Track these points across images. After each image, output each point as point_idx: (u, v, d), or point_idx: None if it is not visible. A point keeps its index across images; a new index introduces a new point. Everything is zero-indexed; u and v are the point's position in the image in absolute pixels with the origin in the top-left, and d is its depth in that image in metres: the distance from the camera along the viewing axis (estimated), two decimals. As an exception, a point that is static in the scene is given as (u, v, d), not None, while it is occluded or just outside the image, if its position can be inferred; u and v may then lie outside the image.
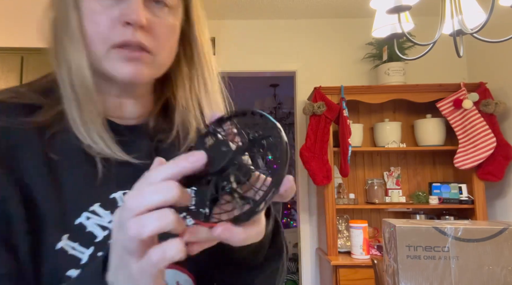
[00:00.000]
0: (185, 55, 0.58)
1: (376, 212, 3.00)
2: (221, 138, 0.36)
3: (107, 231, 0.47)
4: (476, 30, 1.44)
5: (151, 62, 0.50)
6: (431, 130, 2.82)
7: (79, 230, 0.45)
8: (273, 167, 0.34)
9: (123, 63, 0.48)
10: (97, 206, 0.47)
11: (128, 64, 0.48)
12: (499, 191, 2.70)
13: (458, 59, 2.22)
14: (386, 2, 1.47)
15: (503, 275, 0.86)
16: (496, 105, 2.54)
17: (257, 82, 4.63)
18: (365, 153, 3.06)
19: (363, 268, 2.44)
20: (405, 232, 0.89)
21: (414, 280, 0.88)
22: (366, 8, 2.15)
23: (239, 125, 0.37)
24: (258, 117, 0.36)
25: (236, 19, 3.21)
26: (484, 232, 0.88)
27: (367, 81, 3.13)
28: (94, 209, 0.47)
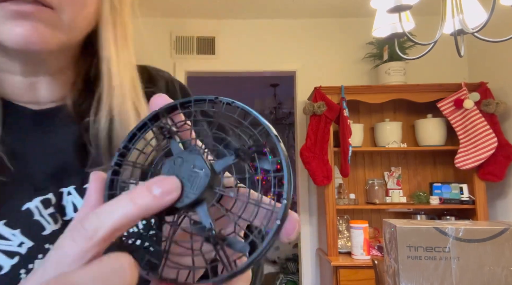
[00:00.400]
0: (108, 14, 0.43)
1: (377, 212, 2.99)
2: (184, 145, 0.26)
3: (16, 258, 0.35)
4: (477, 29, 1.43)
5: (54, 20, 0.36)
6: (431, 130, 2.81)
7: None
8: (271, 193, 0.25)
9: (11, 21, 0.34)
10: (1, 225, 0.35)
11: (19, 22, 0.34)
12: (500, 191, 2.69)
13: (459, 59, 2.21)
14: (386, 1, 1.47)
15: (504, 276, 0.86)
16: (497, 105, 2.54)
17: (257, 82, 4.63)
18: (365, 153, 3.05)
19: (363, 269, 2.44)
20: (406, 232, 0.89)
21: (414, 280, 0.87)
22: (366, 7, 2.15)
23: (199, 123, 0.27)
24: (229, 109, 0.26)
25: (236, 18, 3.21)
26: (485, 233, 0.87)
27: (368, 81, 3.13)
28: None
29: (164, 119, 0.27)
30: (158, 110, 0.27)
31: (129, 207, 0.21)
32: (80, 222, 0.21)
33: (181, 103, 0.27)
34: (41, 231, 0.37)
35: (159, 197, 0.22)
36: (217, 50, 3.18)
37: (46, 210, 0.38)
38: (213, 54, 3.18)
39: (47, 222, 0.38)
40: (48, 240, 0.37)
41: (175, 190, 0.22)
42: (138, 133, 0.27)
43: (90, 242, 0.21)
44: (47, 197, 0.39)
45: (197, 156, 0.24)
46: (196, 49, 3.18)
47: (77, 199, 0.41)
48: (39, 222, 0.37)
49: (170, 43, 3.18)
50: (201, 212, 0.23)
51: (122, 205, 0.21)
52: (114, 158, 0.27)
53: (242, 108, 0.25)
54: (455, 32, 1.50)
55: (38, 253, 0.37)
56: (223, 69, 3.22)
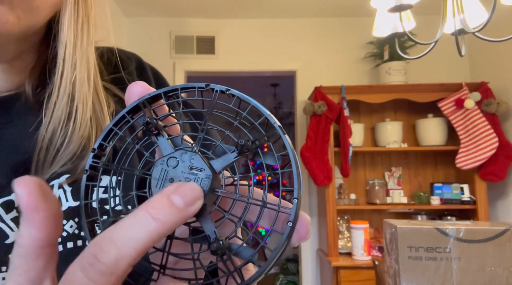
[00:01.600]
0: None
1: (377, 212, 2.99)
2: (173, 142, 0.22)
3: None
4: (478, 29, 1.42)
5: (20, 4, 0.33)
6: (432, 130, 2.80)
7: None
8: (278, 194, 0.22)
9: None
10: None
11: None
12: (501, 191, 2.69)
13: (460, 59, 2.21)
14: (387, 1, 1.46)
15: (505, 276, 0.85)
16: (498, 104, 2.53)
17: (257, 81, 4.63)
18: (366, 153, 3.05)
19: (364, 269, 2.43)
20: (407, 233, 0.88)
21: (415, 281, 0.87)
22: (367, 7, 2.14)
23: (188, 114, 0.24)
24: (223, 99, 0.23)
25: (236, 18, 3.21)
26: (486, 233, 0.87)
27: (368, 80, 3.12)
28: None
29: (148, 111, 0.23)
30: (138, 100, 0.23)
31: (152, 226, 0.17)
32: (92, 254, 0.17)
33: (165, 92, 0.23)
34: (3, 239, 0.33)
35: (183, 209, 0.18)
36: (217, 49, 3.18)
37: (7, 214, 0.33)
38: (213, 54, 3.17)
39: (9, 228, 0.33)
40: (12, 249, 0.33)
41: (199, 199, 0.19)
42: (116, 129, 0.23)
43: (111, 278, 0.17)
44: (9, 198, 0.34)
45: (195, 156, 0.21)
46: (196, 48, 3.17)
47: None
48: (1, 229, 0.33)
49: (170, 43, 3.18)
50: (202, 219, 0.21)
51: (143, 225, 0.17)
52: (88, 160, 0.23)
53: (238, 96, 0.22)
54: (456, 31, 1.50)
55: (1, 265, 0.32)
56: (223, 69, 3.21)
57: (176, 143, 0.22)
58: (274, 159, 0.22)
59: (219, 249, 0.20)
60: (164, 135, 0.22)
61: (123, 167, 0.22)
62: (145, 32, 3.15)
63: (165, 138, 0.22)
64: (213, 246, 0.20)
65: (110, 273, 0.17)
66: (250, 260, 0.21)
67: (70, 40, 0.38)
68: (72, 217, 0.36)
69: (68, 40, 0.38)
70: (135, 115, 0.23)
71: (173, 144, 0.22)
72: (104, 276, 0.17)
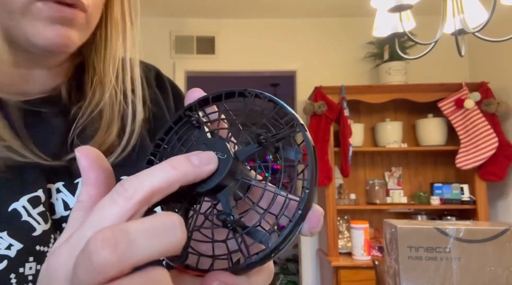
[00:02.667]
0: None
1: (377, 212, 2.99)
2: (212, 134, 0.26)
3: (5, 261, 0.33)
4: (478, 29, 1.42)
5: (83, 24, 0.37)
6: (432, 130, 2.80)
7: None
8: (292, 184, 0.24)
9: (47, 24, 0.34)
10: None
11: (55, 26, 0.35)
12: (501, 191, 2.69)
13: (460, 59, 2.21)
14: (387, 1, 1.46)
15: (505, 276, 0.85)
16: (498, 104, 2.53)
17: (257, 81, 4.62)
18: (366, 153, 3.05)
19: (364, 269, 2.43)
20: (407, 233, 0.88)
21: (415, 281, 0.87)
22: (367, 7, 2.14)
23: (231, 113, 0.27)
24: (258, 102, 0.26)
25: (236, 18, 3.21)
26: (486, 233, 0.87)
27: (368, 80, 3.12)
28: None
29: (196, 111, 0.27)
30: (191, 103, 0.27)
31: (169, 172, 0.21)
32: (121, 184, 0.21)
33: (212, 97, 0.27)
34: (31, 232, 0.35)
35: (198, 166, 0.22)
36: (217, 49, 3.18)
37: (34, 209, 0.36)
38: (213, 54, 3.17)
39: (36, 222, 0.36)
40: (39, 241, 0.35)
41: (213, 162, 0.23)
42: (175, 127, 0.28)
43: (130, 202, 0.20)
44: (36, 194, 0.36)
45: (220, 143, 0.24)
46: (196, 48, 3.17)
47: (67, 196, 0.39)
48: (28, 222, 0.35)
49: (170, 43, 3.18)
50: (222, 198, 0.23)
51: (162, 170, 0.21)
52: (150, 149, 0.28)
53: (270, 98, 0.26)
54: (455, 31, 1.50)
55: (29, 256, 0.35)
56: (223, 69, 3.21)
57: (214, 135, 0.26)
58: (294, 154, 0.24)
59: (229, 222, 0.22)
60: (203, 129, 0.26)
61: (172, 152, 0.27)
62: (145, 32, 3.14)
63: (204, 130, 0.26)
64: (222, 217, 0.22)
65: (129, 197, 0.20)
66: (261, 240, 0.22)
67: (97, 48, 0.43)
68: None
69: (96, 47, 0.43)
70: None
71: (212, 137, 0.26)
72: (124, 199, 0.20)
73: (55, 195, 0.38)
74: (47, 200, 0.37)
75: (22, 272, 0.34)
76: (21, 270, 0.34)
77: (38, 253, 0.35)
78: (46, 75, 0.41)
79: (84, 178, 0.23)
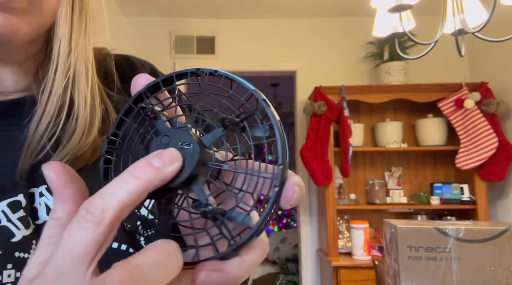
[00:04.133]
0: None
1: (377, 212, 2.99)
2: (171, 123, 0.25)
3: None
4: (478, 29, 1.42)
5: (25, 7, 0.34)
6: (432, 130, 2.80)
7: None
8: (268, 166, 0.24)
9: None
10: None
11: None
12: (501, 191, 2.69)
13: (460, 59, 2.21)
14: (387, 1, 1.46)
15: (505, 276, 0.85)
16: (498, 104, 2.53)
17: (257, 81, 4.61)
18: (366, 153, 3.05)
19: (364, 269, 2.43)
20: (406, 232, 0.88)
21: (415, 281, 0.87)
22: (367, 7, 2.15)
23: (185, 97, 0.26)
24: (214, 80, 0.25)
25: (236, 18, 3.21)
26: (486, 233, 0.87)
27: (368, 80, 3.12)
28: None
29: (148, 99, 0.25)
30: (140, 90, 0.26)
31: (132, 183, 0.20)
32: (84, 208, 0.20)
33: (163, 80, 0.25)
34: (10, 237, 0.34)
35: (161, 168, 0.21)
36: (217, 50, 3.18)
37: (14, 214, 0.35)
38: (213, 54, 3.17)
39: (16, 227, 0.34)
40: (18, 247, 0.34)
41: (177, 160, 0.22)
42: (126, 119, 0.26)
43: (100, 226, 0.19)
44: (16, 199, 0.35)
45: (183, 132, 0.23)
46: (196, 49, 3.17)
47: (49, 200, 0.37)
48: (7, 227, 0.34)
49: (170, 43, 3.18)
50: (196, 189, 0.23)
51: (124, 182, 0.20)
52: (104, 146, 0.26)
53: (226, 76, 0.24)
54: (455, 31, 1.50)
55: (7, 263, 0.33)
56: (223, 69, 3.21)
57: (173, 125, 0.25)
58: (261, 131, 0.23)
59: (209, 212, 0.22)
60: (161, 118, 0.24)
61: (130, 150, 0.26)
62: (145, 32, 3.15)
63: (162, 121, 0.24)
64: (201, 209, 0.22)
65: (98, 222, 0.19)
66: (242, 222, 0.22)
67: (64, 34, 0.38)
68: None
69: (62, 33, 0.38)
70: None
71: (172, 126, 0.24)
72: (93, 225, 0.19)
73: (38, 199, 0.37)
74: (29, 205, 0.36)
75: (0, 280, 0.32)
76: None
77: (17, 259, 0.33)
78: (17, 72, 0.39)
79: (59, 195, 0.22)
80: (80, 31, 0.39)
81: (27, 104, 0.39)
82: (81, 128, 0.38)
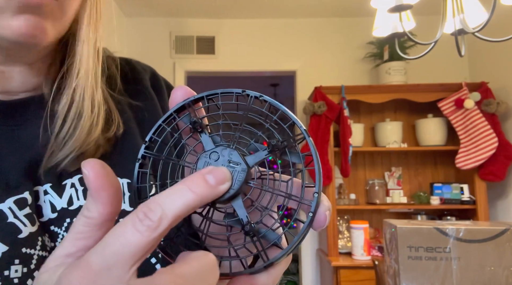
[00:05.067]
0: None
1: (377, 212, 2.99)
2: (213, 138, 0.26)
3: None
4: (478, 29, 1.42)
5: (56, 12, 0.34)
6: (432, 130, 2.80)
7: None
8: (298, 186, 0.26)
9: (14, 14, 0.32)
10: None
11: (23, 16, 0.32)
12: (501, 191, 2.69)
13: (460, 59, 2.21)
14: (387, 1, 1.46)
15: (504, 276, 0.85)
16: (498, 104, 2.53)
17: (257, 81, 4.63)
18: (366, 153, 3.05)
19: (364, 269, 2.43)
20: (406, 232, 0.88)
21: (415, 281, 0.87)
22: (366, 7, 2.15)
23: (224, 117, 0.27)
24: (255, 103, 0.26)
25: (236, 18, 3.21)
26: (485, 233, 0.87)
27: (368, 80, 3.12)
28: None
29: (192, 111, 0.27)
30: (184, 102, 0.27)
31: (189, 196, 0.21)
32: (142, 212, 0.21)
33: (207, 95, 0.27)
34: (17, 234, 0.35)
35: (214, 186, 0.22)
36: (217, 49, 3.18)
37: (21, 211, 0.35)
38: (213, 54, 3.17)
39: (23, 224, 0.35)
40: (25, 244, 0.35)
41: (228, 180, 0.23)
42: (164, 125, 0.27)
43: (155, 232, 0.20)
44: (22, 196, 0.36)
45: (233, 151, 0.25)
46: (196, 48, 3.17)
47: (54, 198, 0.38)
48: (14, 224, 0.35)
49: (170, 43, 3.18)
50: (236, 205, 0.24)
51: (181, 194, 0.21)
52: (140, 151, 0.27)
53: (270, 102, 0.26)
54: (455, 31, 1.50)
55: (14, 258, 0.34)
56: (223, 69, 3.21)
57: (215, 140, 0.26)
58: (299, 158, 0.25)
59: (251, 230, 0.24)
60: (206, 133, 0.26)
61: (170, 158, 0.26)
62: (145, 32, 3.15)
63: (207, 135, 0.26)
64: (247, 227, 0.24)
65: (154, 228, 0.21)
66: (276, 243, 0.24)
67: (88, 37, 0.39)
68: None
69: (86, 37, 0.39)
70: (179, 114, 0.27)
71: (213, 141, 0.26)
72: (149, 230, 0.21)
73: (42, 197, 0.38)
74: (34, 203, 0.36)
75: (8, 275, 0.33)
76: (6, 273, 0.33)
77: (24, 255, 0.34)
78: (27, 72, 0.39)
79: (95, 196, 0.23)
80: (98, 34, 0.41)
81: (35, 104, 0.40)
82: (87, 126, 0.39)
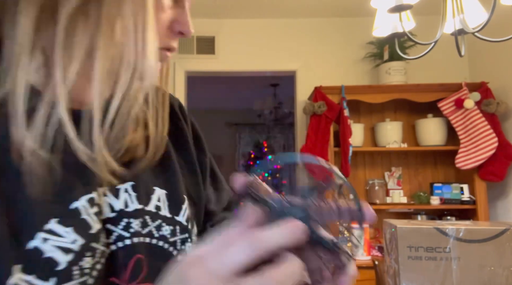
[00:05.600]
0: None
1: (377, 212, 2.91)
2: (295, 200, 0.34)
3: (70, 254, 0.37)
4: (478, 29, 1.43)
5: None
6: (432, 130, 2.80)
7: (34, 257, 0.35)
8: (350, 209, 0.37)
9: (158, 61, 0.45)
10: (54, 223, 0.36)
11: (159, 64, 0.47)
12: (500, 191, 2.69)
13: (460, 59, 2.21)
14: (387, 1, 1.46)
15: (505, 276, 0.85)
16: (498, 104, 2.53)
17: (257, 81, 4.62)
18: (366, 153, 3.05)
19: (364, 269, 2.43)
20: (406, 232, 0.88)
21: (415, 281, 0.87)
22: (366, 7, 2.14)
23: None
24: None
25: (236, 18, 3.21)
26: (485, 233, 0.87)
27: (368, 80, 3.12)
28: (50, 227, 0.36)
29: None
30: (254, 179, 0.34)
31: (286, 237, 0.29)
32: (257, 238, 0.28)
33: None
34: (89, 229, 0.39)
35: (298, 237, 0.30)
36: (217, 50, 3.18)
37: (91, 209, 0.40)
38: (213, 54, 3.17)
39: (93, 221, 0.40)
40: (94, 239, 0.39)
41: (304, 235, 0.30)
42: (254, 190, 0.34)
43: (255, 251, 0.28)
44: (92, 196, 0.40)
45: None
46: (196, 48, 3.17)
47: (111, 199, 0.43)
48: (86, 220, 0.39)
49: (170, 43, 3.17)
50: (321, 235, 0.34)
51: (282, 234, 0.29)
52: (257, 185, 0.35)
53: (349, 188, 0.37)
54: (455, 31, 1.50)
55: (87, 251, 0.38)
56: (223, 69, 3.21)
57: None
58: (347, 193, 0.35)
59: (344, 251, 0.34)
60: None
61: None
62: (145, 32, 3.15)
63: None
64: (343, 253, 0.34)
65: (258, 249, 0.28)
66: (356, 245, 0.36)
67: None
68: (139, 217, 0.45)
69: None
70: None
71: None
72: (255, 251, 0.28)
73: (102, 198, 0.42)
74: (98, 202, 0.41)
75: (82, 265, 0.37)
76: (81, 263, 0.37)
77: (93, 249, 0.39)
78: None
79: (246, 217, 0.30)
80: None
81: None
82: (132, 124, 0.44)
